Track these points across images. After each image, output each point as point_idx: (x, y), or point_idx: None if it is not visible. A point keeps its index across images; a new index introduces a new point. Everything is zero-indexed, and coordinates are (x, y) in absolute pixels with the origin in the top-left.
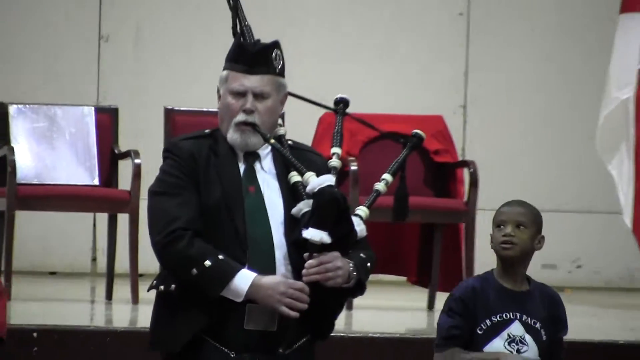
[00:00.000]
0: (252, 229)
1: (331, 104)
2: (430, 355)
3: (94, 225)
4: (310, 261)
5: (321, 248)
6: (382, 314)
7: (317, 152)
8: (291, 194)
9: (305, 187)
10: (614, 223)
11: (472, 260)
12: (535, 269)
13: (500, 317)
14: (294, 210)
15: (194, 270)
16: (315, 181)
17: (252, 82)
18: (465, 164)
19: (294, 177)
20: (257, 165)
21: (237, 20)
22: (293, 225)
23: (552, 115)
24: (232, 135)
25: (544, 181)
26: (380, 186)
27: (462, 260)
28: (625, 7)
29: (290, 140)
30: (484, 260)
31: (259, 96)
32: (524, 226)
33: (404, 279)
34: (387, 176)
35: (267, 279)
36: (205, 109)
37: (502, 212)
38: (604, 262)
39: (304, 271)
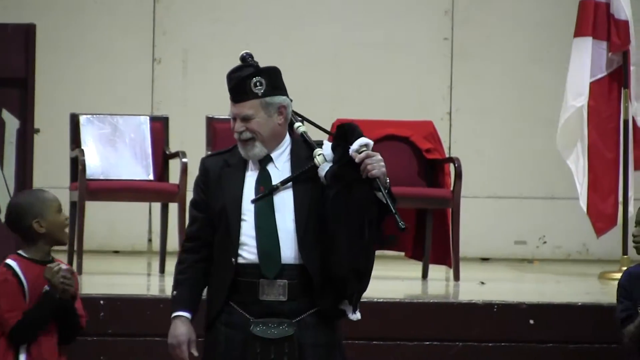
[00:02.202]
0: (259, 220)
1: (347, 108)
2: (423, 315)
3: (150, 212)
4: (360, 155)
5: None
6: (385, 282)
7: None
8: (307, 180)
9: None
10: (573, 207)
11: (458, 238)
12: (509, 244)
13: None
14: (321, 175)
15: (173, 292)
16: (327, 144)
17: (238, 109)
18: (451, 160)
19: (316, 154)
20: (270, 167)
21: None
22: (303, 207)
23: (521, 120)
24: (240, 150)
25: (517, 173)
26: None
27: (449, 238)
28: (578, 32)
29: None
30: (467, 238)
31: (245, 119)
32: None
33: (402, 254)
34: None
35: (180, 329)
36: None
37: (636, 212)
38: (565, 238)
39: (363, 161)
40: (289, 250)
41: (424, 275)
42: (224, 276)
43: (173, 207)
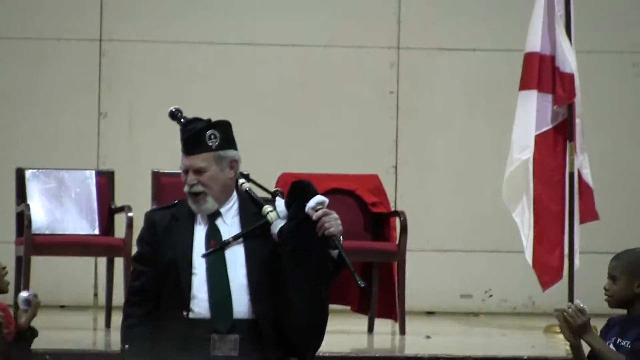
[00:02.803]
0: (211, 274)
1: (292, 162)
2: None
3: (95, 266)
4: (318, 212)
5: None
6: (331, 336)
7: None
8: (258, 235)
9: (277, 214)
10: (519, 260)
11: (403, 291)
12: (455, 298)
13: (608, 342)
14: (274, 232)
15: (124, 346)
16: (279, 201)
17: (190, 161)
18: (396, 213)
19: (267, 211)
20: (219, 221)
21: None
22: (254, 261)
23: (466, 173)
24: (190, 204)
25: (463, 227)
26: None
27: (395, 292)
28: (523, 86)
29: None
30: (413, 291)
31: (198, 171)
32: (616, 279)
33: (348, 307)
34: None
35: None
36: None
37: (608, 265)
38: (511, 291)
39: (320, 218)
40: (241, 304)
41: (370, 329)
42: (174, 331)
43: (119, 262)
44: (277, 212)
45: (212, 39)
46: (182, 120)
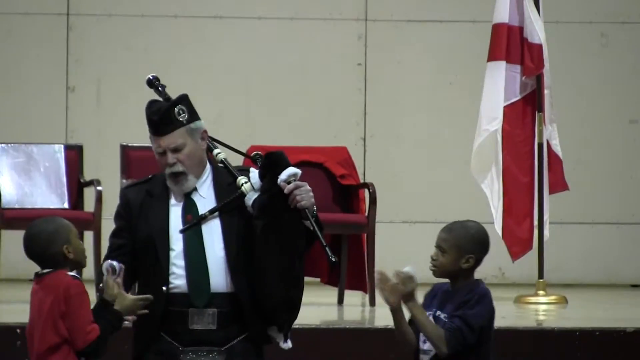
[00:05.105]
0: (188, 249)
1: (260, 135)
2: (340, 341)
3: None
4: (289, 186)
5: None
6: (301, 308)
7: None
8: (234, 207)
9: (252, 185)
10: (489, 231)
11: (373, 263)
12: (424, 269)
13: (428, 312)
14: (248, 204)
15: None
16: (254, 172)
17: (166, 141)
18: (365, 185)
19: (241, 182)
20: (195, 195)
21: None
22: (231, 235)
23: (435, 144)
24: (170, 185)
25: (432, 198)
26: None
27: (365, 263)
28: (491, 57)
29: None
30: (382, 263)
31: (176, 150)
32: (444, 251)
33: (317, 279)
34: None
35: None
36: None
37: (437, 236)
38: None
39: (292, 191)
40: (218, 278)
41: (340, 301)
42: (154, 306)
43: (88, 235)
44: (251, 184)
45: (178, 12)
46: (159, 88)
